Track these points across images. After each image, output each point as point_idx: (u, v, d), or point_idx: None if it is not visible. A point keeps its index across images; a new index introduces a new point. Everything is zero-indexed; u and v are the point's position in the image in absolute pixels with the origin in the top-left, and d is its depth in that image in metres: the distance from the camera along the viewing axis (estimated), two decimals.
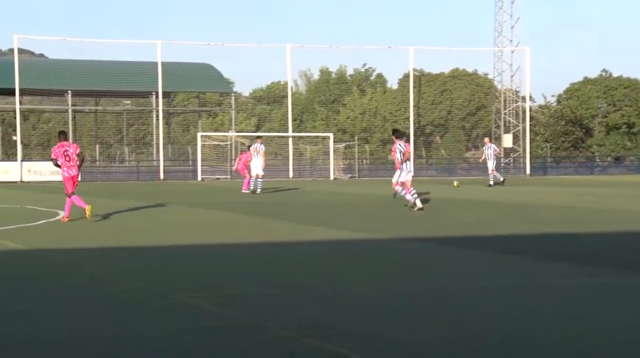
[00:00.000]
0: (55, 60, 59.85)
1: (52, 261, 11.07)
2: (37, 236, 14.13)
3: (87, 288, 8.80)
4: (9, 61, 47.68)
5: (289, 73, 51.64)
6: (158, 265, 10.75)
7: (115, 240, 13.58)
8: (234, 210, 20.32)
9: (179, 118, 78.69)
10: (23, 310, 7.59)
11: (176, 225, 16.62)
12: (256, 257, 11.59)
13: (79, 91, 53.82)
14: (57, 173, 43.34)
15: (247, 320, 7.03)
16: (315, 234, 14.53)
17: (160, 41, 47.07)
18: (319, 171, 50.41)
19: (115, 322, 7.06)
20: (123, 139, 67.72)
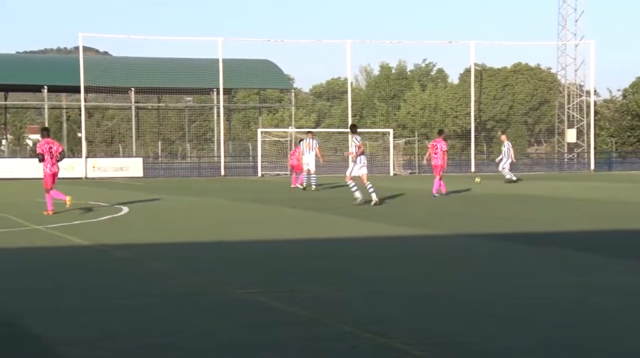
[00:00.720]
0: (119, 57, 60.80)
1: (116, 256, 11.23)
2: (101, 232, 14.35)
3: (150, 283, 8.92)
4: (74, 59, 48.57)
5: (349, 69, 51.59)
6: (219, 260, 10.83)
7: (177, 236, 13.72)
8: (294, 206, 20.36)
9: (239, 114, 79.28)
10: (87, 305, 7.74)
11: (237, 220, 16.73)
12: (316, 253, 11.61)
13: (142, 88, 54.55)
14: (120, 169, 44.13)
15: (309, 315, 7.05)
16: (375, 230, 14.48)
17: (222, 38, 47.43)
18: (379, 167, 50.22)
19: (177, 316, 7.15)
20: (185, 136, 68.46)
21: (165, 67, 53.80)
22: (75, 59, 47.68)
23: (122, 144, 65.26)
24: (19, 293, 8.35)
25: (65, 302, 7.82)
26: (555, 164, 58.00)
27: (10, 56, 67.65)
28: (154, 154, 65.12)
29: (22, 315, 7.19)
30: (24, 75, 53.97)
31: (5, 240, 13.13)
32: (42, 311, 7.42)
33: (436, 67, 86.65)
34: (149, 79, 52.61)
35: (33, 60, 69.60)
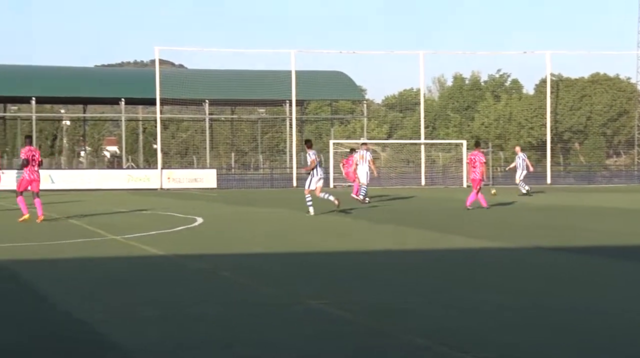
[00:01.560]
0: (194, 70, 61.71)
1: (191, 266, 11.36)
2: (177, 242, 14.54)
3: (225, 293, 8.98)
4: (150, 72, 49.50)
5: (422, 80, 51.34)
6: (292, 270, 10.87)
7: (250, 246, 13.81)
8: (364, 217, 20.31)
9: (311, 126, 79.59)
10: (165, 314, 7.83)
11: (308, 231, 16.76)
12: (386, 264, 11.54)
13: (216, 100, 55.25)
14: (194, 180, 44.67)
15: (380, 327, 7.00)
16: (448, 242, 14.33)
17: (295, 50, 47.76)
18: (452, 179, 49.80)
19: (251, 326, 7.18)
20: (257, 147, 69.06)
21: (238, 79, 54.39)
22: (151, 72, 48.60)
23: (197, 156, 66.17)
24: (97, 302, 8.50)
25: (144, 311, 7.93)
26: (635, 176, 56.60)
27: (89, 70, 69.35)
28: (227, 165, 65.82)
29: (100, 324, 7.31)
30: (102, 88, 55.25)
31: (83, 250, 13.41)
32: (120, 320, 7.55)
33: (511, 77, 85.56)
34: (223, 91, 53.25)
35: (111, 73, 71.23)
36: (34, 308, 8.12)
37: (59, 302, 8.42)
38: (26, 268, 11.04)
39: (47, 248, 13.65)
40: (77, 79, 55.78)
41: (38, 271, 10.93)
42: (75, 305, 8.26)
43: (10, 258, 12.07)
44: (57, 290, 9.21)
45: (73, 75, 57.06)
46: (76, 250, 13.25)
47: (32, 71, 56.46)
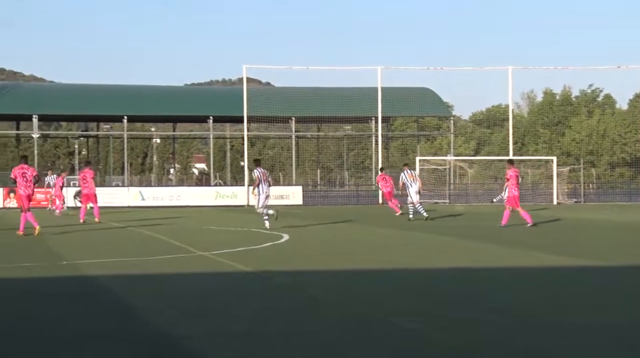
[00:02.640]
0: (280, 88, 62.27)
1: (278, 282, 11.37)
2: (264, 258, 14.61)
3: (311, 310, 8.97)
4: (238, 90, 50.19)
5: (511, 95, 50.59)
6: (379, 287, 10.78)
7: (337, 263, 13.77)
8: (450, 234, 20.06)
9: (397, 142, 79.32)
10: (252, 330, 7.87)
11: (395, 248, 16.62)
12: (472, 281, 11.36)
13: (302, 117, 55.59)
14: (280, 197, 44.97)
15: (467, 346, 6.85)
16: (533, 259, 14.01)
17: (381, 67, 47.70)
18: (542, 195, 48.79)
19: (338, 343, 7.12)
20: (343, 164, 69.17)
21: (324, 96, 54.63)
22: (239, 90, 49.26)
23: (283, 172, 66.68)
24: (186, 317, 8.57)
25: (232, 327, 7.97)
26: None
27: (179, 88, 70.78)
28: (313, 182, 66.13)
29: (189, 340, 7.38)
30: (191, 106, 56.27)
31: (172, 266, 13.59)
32: (209, 335, 7.60)
33: (603, 92, 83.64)
34: (309, 108, 53.55)
35: (200, 92, 72.52)
36: (124, 324, 8.24)
37: (148, 317, 8.53)
38: (117, 284, 11.23)
39: (138, 264, 13.89)
40: (167, 97, 57.01)
41: (129, 286, 11.11)
42: (164, 320, 8.36)
43: (103, 273, 12.30)
44: (146, 305, 9.33)
45: (163, 94, 58.33)
46: (165, 266, 13.44)
47: (124, 90, 57.96)
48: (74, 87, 60.86)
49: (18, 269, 12.93)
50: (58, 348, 7.11)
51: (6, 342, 7.38)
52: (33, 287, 11.14)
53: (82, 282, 11.49)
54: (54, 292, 10.69)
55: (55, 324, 8.21)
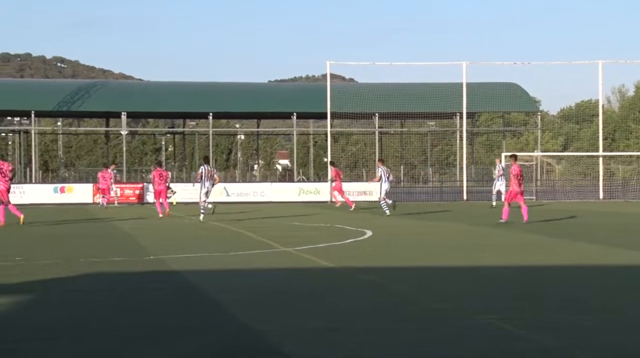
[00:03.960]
0: (364, 84, 62.12)
1: (361, 279, 11.31)
2: (346, 254, 14.56)
3: (393, 306, 8.90)
4: (322, 87, 50.28)
5: (601, 90, 49.27)
6: (460, 284, 10.64)
7: (421, 260, 13.65)
8: (537, 232, 19.63)
9: (482, 138, 78.26)
10: (334, 326, 7.84)
11: (478, 245, 16.35)
12: (563, 279, 11.07)
13: (386, 113, 55.36)
14: (363, 193, 44.81)
15: (555, 345, 6.67)
16: (630, 258, 13.55)
17: (466, 62, 47.09)
18: (633, 192, 47.41)
19: (421, 340, 7.05)
20: (427, 160, 68.61)
21: (408, 92, 54.28)
22: (322, 87, 49.34)
23: (366, 168, 66.54)
24: (269, 312, 8.60)
25: (313, 322, 7.96)
26: None
27: (263, 85, 71.39)
28: (396, 178, 65.75)
29: (272, 334, 7.39)
30: (275, 103, 56.66)
31: (256, 261, 13.67)
32: (291, 330, 7.61)
33: None
34: (393, 104, 53.29)
35: (283, 88, 72.98)
36: (208, 318, 8.30)
37: (232, 312, 8.58)
38: (201, 279, 11.34)
39: (221, 259, 14.02)
40: (251, 94, 57.53)
41: (212, 281, 11.20)
42: (247, 315, 8.40)
43: (186, 268, 12.45)
44: (230, 300, 9.38)
45: (248, 91, 58.89)
46: (249, 261, 13.53)
47: (209, 88, 58.75)
48: (161, 85, 62.01)
49: (107, 263, 13.19)
50: (144, 341, 7.19)
51: (96, 335, 7.51)
52: (121, 281, 11.35)
53: (168, 277, 11.65)
54: (140, 286, 10.86)
55: (141, 318, 8.32)
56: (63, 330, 7.69)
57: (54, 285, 10.75)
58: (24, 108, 53.23)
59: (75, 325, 7.95)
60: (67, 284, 10.86)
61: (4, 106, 53.40)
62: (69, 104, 53.56)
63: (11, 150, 72.36)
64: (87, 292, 10.25)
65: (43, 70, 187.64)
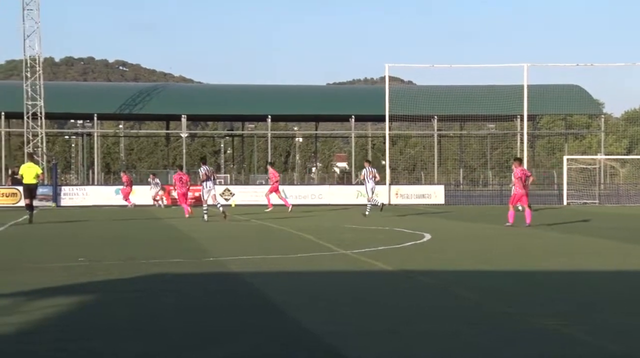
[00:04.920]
0: (423, 86, 61.81)
1: (420, 282, 11.22)
2: (405, 257, 14.47)
3: (453, 310, 8.82)
4: (380, 89, 50.20)
5: None
6: (523, 289, 10.52)
7: (481, 263, 13.49)
8: (601, 236, 19.25)
9: (543, 141, 77.25)
10: (392, 328, 7.79)
11: (540, 248, 16.11)
12: (633, 284, 10.80)
13: (445, 116, 55.05)
14: (422, 196, 44.60)
15: (621, 351, 6.55)
16: None
17: (527, 64, 46.49)
18: None
19: (482, 344, 6.99)
20: (486, 163, 67.96)
21: (467, 95, 53.90)
22: (380, 89, 49.25)
23: (424, 171, 66.19)
24: (327, 314, 8.59)
25: (373, 325, 7.94)
26: None
27: (321, 88, 71.53)
28: (455, 181, 65.28)
29: (331, 336, 7.38)
30: (334, 105, 56.75)
31: (314, 263, 13.67)
32: (350, 333, 7.59)
33: None
34: (452, 107, 52.97)
35: (342, 91, 73.03)
36: (267, 319, 8.31)
37: (291, 314, 8.58)
38: (260, 280, 11.37)
39: (280, 261, 14.05)
40: (310, 97, 57.71)
41: (271, 283, 11.23)
42: (307, 317, 8.40)
43: (246, 270, 12.50)
44: (289, 301, 9.39)
45: (306, 93, 59.10)
46: (308, 264, 13.53)
47: (268, 90, 59.11)
48: (220, 88, 62.61)
49: (168, 264, 13.32)
50: (205, 342, 7.23)
51: (158, 335, 7.57)
52: (182, 282, 11.44)
53: (227, 278, 11.71)
54: (201, 287, 10.93)
55: (202, 318, 8.37)
56: (125, 330, 7.77)
57: (116, 286, 10.88)
58: (87, 111, 54.28)
59: (137, 325, 8.03)
60: (129, 285, 10.99)
61: (68, 109, 54.51)
62: (131, 107, 54.41)
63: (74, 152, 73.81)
64: (149, 292, 10.36)
65: (105, 73, 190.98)
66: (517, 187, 23.37)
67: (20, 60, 50.16)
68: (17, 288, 10.35)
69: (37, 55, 47.64)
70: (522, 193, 23.31)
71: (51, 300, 9.47)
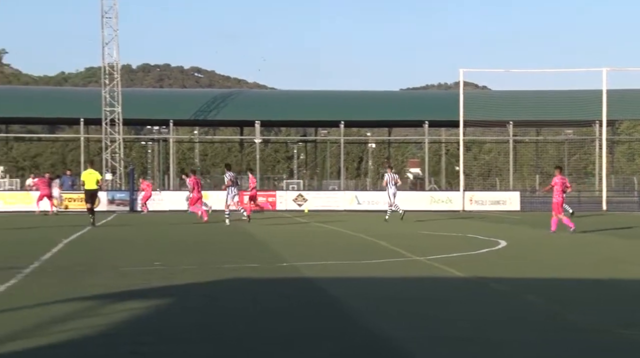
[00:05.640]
0: (498, 91, 61.07)
1: (495, 289, 11.07)
2: (479, 264, 14.30)
3: (529, 318, 8.70)
4: (454, 94, 49.78)
5: None
6: (601, 298, 10.36)
7: (557, 271, 13.27)
8: None
9: (623, 146, 75.46)
10: (467, 335, 7.72)
11: (618, 257, 15.71)
12: None
13: (520, 121, 54.23)
14: (496, 203, 44.02)
15: None
16: None
17: (606, 68, 45.52)
18: None
19: (556, 354, 6.81)
20: (564, 169, 66.70)
21: (544, 99, 53.02)
22: (454, 94, 48.84)
23: (499, 178, 65.32)
24: (401, 320, 8.56)
25: (445, 331, 7.91)
26: None
27: (394, 93, 71.34)
28: (531, 188, 64.23)
29: (405, 342, 7.36)
30: (407, 111, 56.49)
31: (387, 269, 13.62)
32: (424, 339, 7.55)
33: None
34: (527, 112, 52.16)
35: (415, 96, 72.70)
36: (341, 325, 8.31)
37: (364, 319, 8.55)
38: (334, 286, 11.37)
39: (354, 266, 14.03)
40: (382, 102, 57.59)
41: (345, 288, 11.22)
42: (379, 322, 8.38)
43: (320, 275, 12.51)
44: (362, 307, 9.37)
45: (379, 99, 59.00)
46: (381, 270, 13.48)
47: (341, 96, 59.19)
48: (293, 94, 62.96)
49: (242, 269, 13.43)
50: (278, 347, 7.25)
51: (233, 339, 7.63)
52: (256, 286, 11.51)
53: (302, 284, 11.73)
54: (275, 291, 10.99)
55: (276, 323, 8.40)
56: (200, 333, 7.85)
57: (192, 290, 11.01)
58: (163, 117, 55.15)
59: (212, 329, 8.10)
60: (204, 289, 11.11)
61: (144, 115, 55.50)
62: (205, 113, 55.13)
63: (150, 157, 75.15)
64: (224, 297, 10.45)
65: (181, 80, 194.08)
66: (557, 194, 23.64)
67: (99, 67, 51.25)
68: (95, 291, 10.56)
69: (115, 63, 48.64)
70: (561, 201, 23.77)
71: (128, 303, 9.63)
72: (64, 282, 11.52)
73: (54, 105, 55.39)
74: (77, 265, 13.98)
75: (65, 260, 14.84)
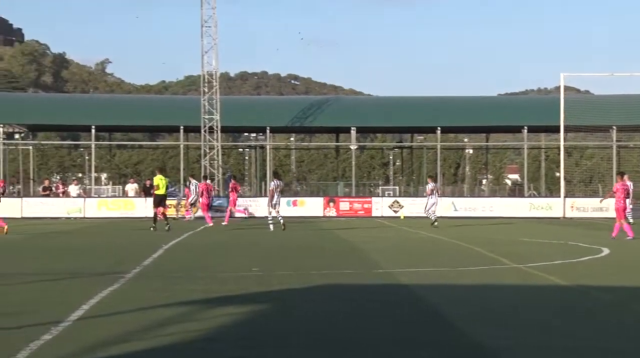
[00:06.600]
0: (601, 96, 59.44)
1: (599, 298, 10.76)
2: (581, 272, 13.94)
3: (635, 327, 8.36)
4: (554, 99, 48.73)
5: None
6: None
7: None
8: None
9: None
10: (573, 345, 7.54)
11: None
12: None
13: (625, 126, 52.64)
14: (599, 210, 42.88)
15: None
16: None
17: None
18: None
19: None
20: None
21: None
22: (555, 99, 47.83)
23: (602, 184, 63.55)
24: (501, 329, 8.44)
25: (549, 340, 7.73)
26: None
27: (492, 98, 70.28)
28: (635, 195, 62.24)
29: (505, 352, 7.26)
30: (505, 116, 55.54)
31: (486, 277, 13.44)
32: (526, 348, 7.42)
33: None
34: (632, 116, 50.55)
35: (513, 101, 71.49)
36: (438, 332, 8.21)
37: (462, 327, 8.44)
38: (431, 293, 11.26)
39: (450, 273, 13.87)
40: (480, 108, 56.81)
41: (442, 296, 11.09)
42: (479, 330, 8.26)
43: (417, 282, 12.40)
44: (460, 314, 9.26)
45: (477, 104, 58.22)
46: (479, 277, 13.29)
47: (438, 102, 58.70)
48: (389, 100, 62.74)
49: (338, 275, 13.44)
50: (377, 354, 7.18)
51: (331, 344, 7.62)
52: (353, 292, 11.49)
53: (398, 290, 11.65)
54: (371, 298, 10.94)
55: (368, 329, 8.35)
56: (298, 338, 7.86)
57: (289, 295, 11.07)
58: (260, 124, 55.78)
59: (311, 333, 8.11)
60: (302, 294, 11.15)
61: (242, 123, 56.24)
62: (302, 120, 55.50)
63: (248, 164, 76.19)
64: (321, 302, 10.46)
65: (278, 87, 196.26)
66: (620, 200, 23.65)
67: (198, 75, 52.21)
68: (195, 296, 10.72)
69: (214, 71, 49.46)
70: (620, 207, 23.71)
71: (227, 308, 9.73)
72: (164, 287, 11.74)
73: (154, 113, 56.71)
74: (176, 270, 14.24)
75: (165, 266, 15.15)
